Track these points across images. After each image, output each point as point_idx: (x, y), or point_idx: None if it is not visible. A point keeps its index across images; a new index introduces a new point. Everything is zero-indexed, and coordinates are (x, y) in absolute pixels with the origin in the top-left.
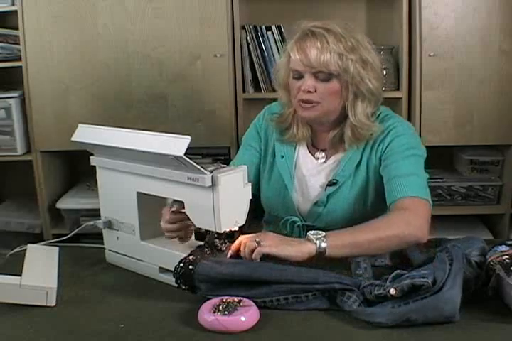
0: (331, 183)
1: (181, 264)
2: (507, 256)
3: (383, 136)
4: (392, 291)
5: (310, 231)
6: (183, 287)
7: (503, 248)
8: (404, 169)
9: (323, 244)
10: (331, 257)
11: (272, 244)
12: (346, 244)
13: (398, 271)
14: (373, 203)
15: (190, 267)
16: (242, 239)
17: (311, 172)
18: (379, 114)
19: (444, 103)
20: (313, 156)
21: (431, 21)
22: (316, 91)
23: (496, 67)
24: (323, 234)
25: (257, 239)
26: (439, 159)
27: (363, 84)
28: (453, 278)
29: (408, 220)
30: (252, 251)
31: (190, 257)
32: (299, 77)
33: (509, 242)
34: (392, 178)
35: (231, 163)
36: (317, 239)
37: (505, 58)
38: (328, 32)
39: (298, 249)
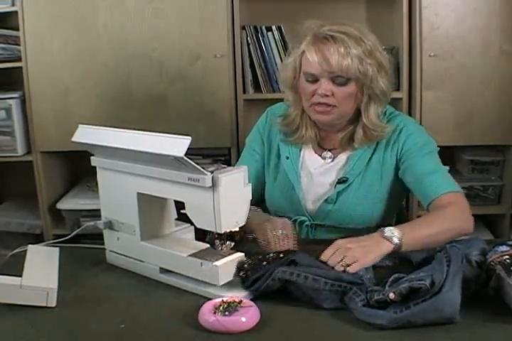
0: (341, 181)
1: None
2: (507, 256)
3: (396, 135)
4: (391, 295)
5: (384, 229)
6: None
7: (504, 248)
8: (428, 166)
9: (399, 242)
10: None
11: (357, 256)
12: (419, 239)
13: (396, 274)
14: (382, 201)
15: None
16: (328, 255)
17: (319, 170)
18: (385, 112)
19: (445, 103)
20: (320, 156)
21: (431, 21)
22: (332, 94)
23: (496, 67)
24: (398, 231)
25: (343, 263)
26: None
27: (378, 87)
28: (451, 279)
29: (459, 213)
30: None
31: (247, 272)
32: (314, 80)
33: (510, 242)
34: (421, 177)
35: (236, 165)
36: (393, 238)
37: (506, 58)
38: (348, 36)
39: (378, 253)
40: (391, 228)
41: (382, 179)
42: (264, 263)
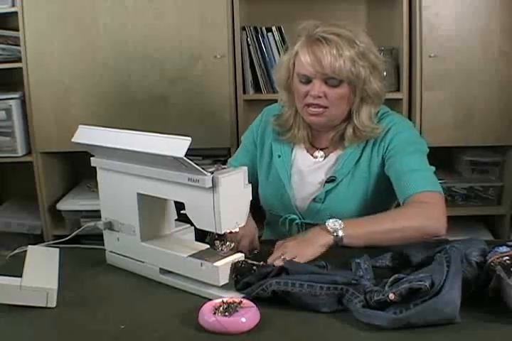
0: (330, 180)
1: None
2: (507, 257)
3: (383, 134)
4: (391, 296)
5: (329, 220)
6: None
7: (504, 249)
8: (411, 164)
9: (341, 234)
10: (346, 246)
11: (295, 252)
12: (363, 234)
13: (396, 275)
14: (373, 201)
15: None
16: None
17: (310, 169)
18: (377, 112)
19: (444, 104)
20: (312, 155)
21: (431, 22)
22: (325, 96)
23: (496, 68)
24: (341, 223)
25: (282, 257)
26: (440, 160)
27: (371, 88)
28: (451, 279)
29: (428, 213)
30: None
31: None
32: (307, 81)
33: (510, 243)
34: (401, 174)
35: (229, 160)
36: (335, 230)
37: (506, 59)
38: (341, 38)
39: (317, 247)
40: (336, 220)
41: (370, 177)
42: (254, 267)
